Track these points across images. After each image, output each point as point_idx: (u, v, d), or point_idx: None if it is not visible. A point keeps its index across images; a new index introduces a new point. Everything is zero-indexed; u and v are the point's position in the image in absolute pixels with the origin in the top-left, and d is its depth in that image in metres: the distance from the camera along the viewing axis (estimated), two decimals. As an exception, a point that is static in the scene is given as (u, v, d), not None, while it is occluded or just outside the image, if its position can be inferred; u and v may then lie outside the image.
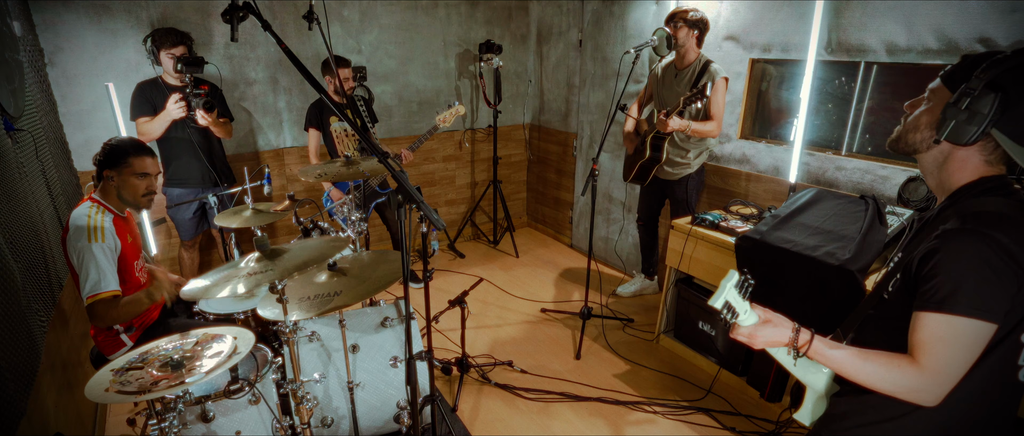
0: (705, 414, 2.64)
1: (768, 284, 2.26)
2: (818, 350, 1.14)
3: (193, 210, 3.19)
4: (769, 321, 1.19)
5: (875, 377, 1.08)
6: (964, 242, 1.03)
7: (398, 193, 1.48)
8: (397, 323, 2.33)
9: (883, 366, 1.08)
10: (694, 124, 2.90)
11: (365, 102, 3.67)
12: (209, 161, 3.12)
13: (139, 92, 2.97)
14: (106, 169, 2.02)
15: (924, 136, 1.15)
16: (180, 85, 2.99)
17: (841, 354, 1.13)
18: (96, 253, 1.89)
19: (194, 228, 3.25)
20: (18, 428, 1.60)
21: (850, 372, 1.11)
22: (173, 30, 2.94)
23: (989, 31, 2.16)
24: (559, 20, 4.39)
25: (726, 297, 1.13)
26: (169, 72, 2.97)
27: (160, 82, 2.99)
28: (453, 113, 3.58)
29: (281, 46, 1.35)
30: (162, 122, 2.93)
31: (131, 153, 2.04)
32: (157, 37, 2.90)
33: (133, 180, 2.04)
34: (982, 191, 1.10)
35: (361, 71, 3.99)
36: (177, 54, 2.92)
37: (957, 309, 1.01)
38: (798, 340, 1.16)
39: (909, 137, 1.18)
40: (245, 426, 1.82)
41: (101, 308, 1.89)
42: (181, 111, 2.91)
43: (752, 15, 3.00)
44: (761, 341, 1.19)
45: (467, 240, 4.93)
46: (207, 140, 3.13)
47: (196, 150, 3.06)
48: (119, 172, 2.02)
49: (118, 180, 2.03)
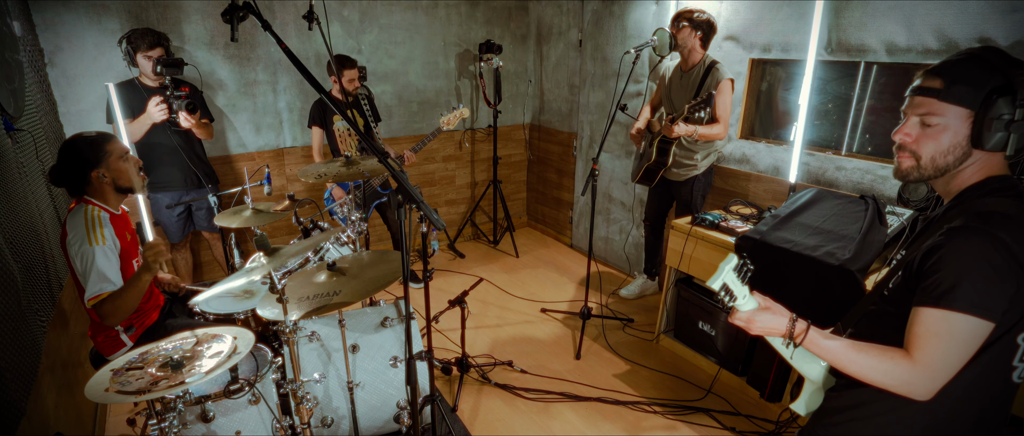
0: (705, 414, 2.64)
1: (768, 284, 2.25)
2: (813, 340, 1.15)
3: (177, 213, 3.18)
4: (768, 308, 1.20)
5: (868, 369, 1.09)
6: (968, 240, 1.04)
7: (398, 193, 1.48)
8: (397, 323, 2.32)
9: (876, 358, 1.09)
10: (701, 128, 2.89)
11: (368, 100, 3.67)
12: (191, 163, 3.10)
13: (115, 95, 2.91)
14: (93, 171, 1.96)
15: (956, 156, 1.11)
16: (158, 86, 2.97)
17: (835, 345, 1.13)
18: (98, 256, 1.87)
19: (181, 230, 3.25)
20: (18, 428, 1.60)
21: (844, 363, 1.12)
22: (149, 31, 2.91)
23: (989, 31, 2.16)
24: (559, 20, 4.39)
25: (724, 279, 1.13)
26: (146, 74, 2.94)
27: (137, 84, 2.96)
28: (457, 115, 3.58)
29: (281, 46, 1.35)
30: (142, 125, 2.90)
31: (105, 141, 1.99)
32: (133, 38, 2.86)
33: (122, 164, 2.00)
34: (988, 191, 1.11)
35: (361, 71, 3.99)
36: (155, 56, 2.89)
37: (955, 305, 1.02)
38: (794, 330, 1.16)
39: (940, 162, 1.13)
40: (245, 426, 1.82)
41: (107, 306, 1.87)
42: (162, 114, 2.87)
43: (752, 15, 3.00)
44: (758, 327, 1.19)
45: (467, 240, 4.93)
46: (188, 142, 3.12)
47: (178, 152, 3.04)
48: (107, 166, 1.97)
49: (110, 174, 1.98)
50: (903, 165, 1.18)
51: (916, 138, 1.14)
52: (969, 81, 1.07)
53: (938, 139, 1.11)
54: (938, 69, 1.11)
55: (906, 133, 1.15)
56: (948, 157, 1.12)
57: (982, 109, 1.05)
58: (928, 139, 1.12)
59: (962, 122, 1.09)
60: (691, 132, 2.88)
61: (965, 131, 1.09)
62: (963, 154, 1.11)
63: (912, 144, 1.15)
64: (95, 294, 1.87)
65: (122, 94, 2.93)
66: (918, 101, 1.13)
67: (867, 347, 1.11)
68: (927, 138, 1.12)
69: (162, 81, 2.93)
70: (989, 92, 1.04)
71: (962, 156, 1.11)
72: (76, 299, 2.61)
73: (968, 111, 1.08)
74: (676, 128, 2.85)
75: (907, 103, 1.16)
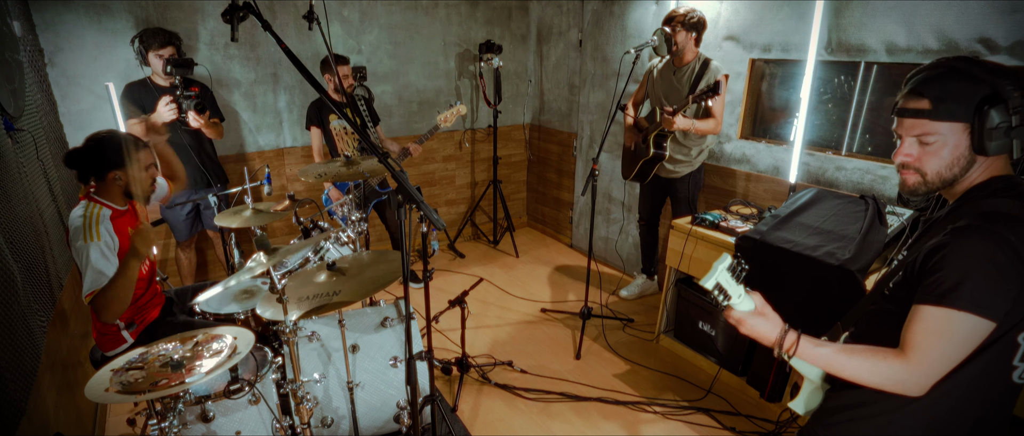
0: (705, 414, 2.64)
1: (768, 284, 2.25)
2: (804, 351, 1.15)
3: (187, 212, 3.18)
4: (762, 315, 1.20)
5: (862, 371, 1.10)
6: (972, 239, 1.04)
7: (398, 193, 1.48)
8: (397, 323, 2.32)
9: (869, 360, 1.10)
10: (698, 123, 2.91)
11: (366, 101, 3.67)
12: (201, 162, 3.11)
13: (127, 94, 2.95)
14: (112, 170, 1.97)
15: (961, 166, 1.12)
16: (168, 86, 2.97)
17: (826, 352, 1.14)
18: (92, 252, 1.87)
19: (189, 229, 3.25)
20: (18, 428, 1.60)
21: (837, 368, 1.13)
22: (161, 30, 2.91)
23: (989, 31, 2.16)
24: (559, 20, 4.39)
25: (717, 278, 1.14)
26: (157, 73, 2.95)
27: (149, 83, 2.97)
28: (454, 113, 3.58)
29: (281, 46, 1.35)
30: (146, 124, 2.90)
31: (137, 150, 2.00)
32: (145, 37, 2.87)
33: (142, 175, 2.01)
34: (992, 192, 1.12)
35: (361, 71, 4.00)
36: (165, 55, 2.90)
37: (957, 304, 1.02)
38: (784, 342, 1.16)
39: (946, 175, 1.14)
40: (245, 426, 1.83)
41: (100, 301, 1.86)
42: (172, 113, 2.87)
43: (752, 15, 3.00)
44: (747, 329, 1.20)
45: (467, 240, 4.93)
46: (198, 141, 3.12)
47: (188, 152, 3.04)
48: (126, 171, 1.98)
49: (126, 178, 1.99)
50: (909, 181, 1.18)
51: (918, 157, 1.15)
52: (956, 97, 1.07)
53: (940, 154, 1.12)
54: (920, 88, 1.11)
55: (907, 154, 1.16)
56: (954, 169, 1.13)
57: (977, 120, 1.06)
58: (930, 156, 1.13)
59: (960, 135, 1.10)
60: (690, 126, 2.88)
61: (965, 142, 1.10)
62: (968, 163, 1.12)
63: (915, 163, 1.15)
64: (91, 290, 1.86)
65: (133, 93, 2.94)
66: (909, 123, 1.13)
67: (858, 350, 1.12)
68: (929, 155, 1.13)
69: (173, 81, 2.94)
70: (978, 104, 1.05)
71: (967, 165, 1.12)
72: (76, 299, 2.61)
73: (963, 124, 1.08)
74: (677, 120, 2.85)
75: (896, 124, 1.16)
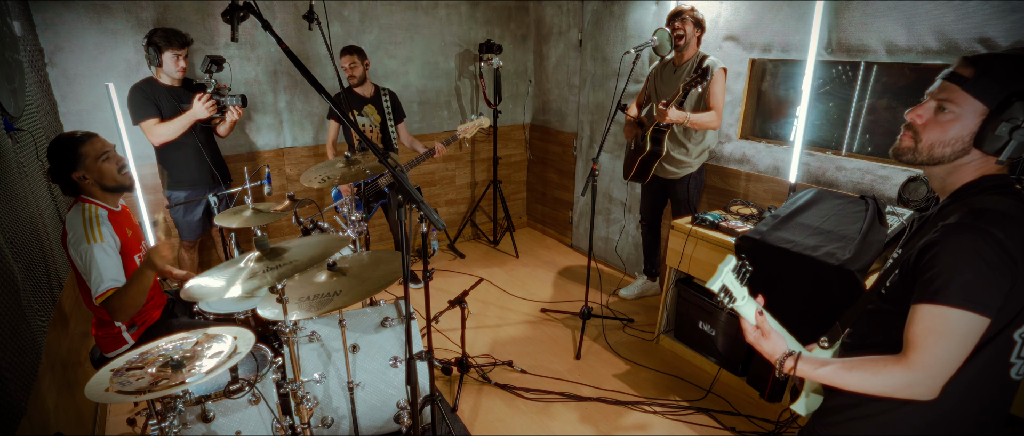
0: (705, 414, 2.64)
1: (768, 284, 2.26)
2: (805, 373, 1.18)
3: (201, 212, 3.15)
4: (767, 336, 1.24)
5: (866, 384, 1.10)
6: (962, 236, 1.04)
7: (398, 193, 1.48)
8: (397, 323, 2.32)
9: (869, 371, 1.10)
10: (693, 115, 2.89)
11: (391, 96, 3.70)
12: (211, 161, 3.10)
13: (140, 94, 2.88)
14: (73, 173, 1.93)
15: (954, 150, 1.12)
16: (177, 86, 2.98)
17: (827, 371, 1.15)
18: (97, 254, 1.88)
19: (198, 230, 3.21)
20: (18, 428, 1.60)
21: (840, 385, 1.14)
22: (177, 31, 2.90)
23: (989, 31, 2.16)
24: (559, 20, 4.39)
25: (723, 280, 1.16)
26: (169, 73, 2.92)
27: (156, 83, 2.94)
28: (475, 125, 3.59)
29: (281, 46, 1.35)
30: (183, 123, 2.89)
31: (80, 143, 1.95)
32: (161, 37, 2.84)
33: (102, 165, 1.97)
34: (983, 189, 1.12)
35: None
36: (184, 55, 2.91)
37: (950, 301, 1.02)
38: (783, 366, 1.21)
39: (937, 151, 1.13)
40: (245, 426, 1.82)
41: (114, 302, 1.88)
42: (209, 111, 2.88)
43: (752, 15, 3.00)
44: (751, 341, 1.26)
45: (467, 240, 4.93)
46: (209, 141, 3.12)
47: (200, 151, 3.03)
48: (85, 168, 1.94)
49: (90, 175, 1.96)
50: (902, 143, 1.19)
51: (925, 122, 1.15)
52: (997, 78, 1.06)
53: (945, 129, 1.12)
54: (975, 59, 1.11)
55: (918, 114, 1.16)
56: (946, 148, 1.13)
57: (996, 109, 1.05)
58: (935, 126, 1.13)
59: (973, 117, 1.09)
60: (684, 119, 2.87)
61: (972, 128, 1.09)
62: (962, 150, 1.12)
63: (919, 125, 1.16)
64: (102, 292, 1.87)
65: (148, 92, 2.90)
66: (943, 85, 1.13)
67: (858, 363, 1.12)
68: (935, 125, 1.13)
69: (180, 81, 2.97)
70: (1010, 94, 1.04)
71: (960, 151, 1.12)
72: (76, 299, 2.61)
73: (984, 107, 1.07)
74: (669, 113, 2.83)
75: (936, 85, 1.16)
